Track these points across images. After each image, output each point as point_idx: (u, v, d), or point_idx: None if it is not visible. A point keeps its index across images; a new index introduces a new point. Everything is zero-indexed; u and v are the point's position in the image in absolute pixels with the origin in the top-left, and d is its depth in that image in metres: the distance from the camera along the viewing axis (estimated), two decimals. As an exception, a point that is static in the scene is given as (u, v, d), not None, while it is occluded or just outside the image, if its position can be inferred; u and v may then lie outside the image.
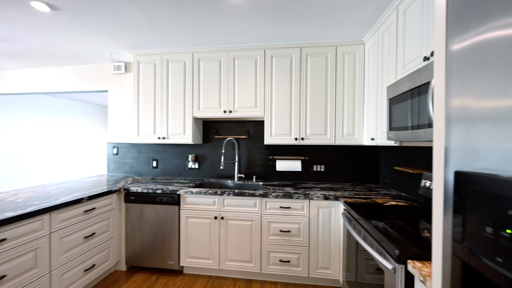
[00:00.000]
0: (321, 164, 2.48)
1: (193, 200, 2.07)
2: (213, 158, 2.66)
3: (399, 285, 0.90)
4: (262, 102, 2.24)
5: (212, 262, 2.06)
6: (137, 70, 2.43)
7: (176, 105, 2.36)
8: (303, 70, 2.18)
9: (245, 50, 2.25)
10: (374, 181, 2.42)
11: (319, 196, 1.89)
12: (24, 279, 1.38)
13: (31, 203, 1.58)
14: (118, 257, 2.16)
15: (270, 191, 2.01)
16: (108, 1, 1.57)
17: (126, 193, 2.15)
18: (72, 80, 2.92)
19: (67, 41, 2.21)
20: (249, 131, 2.60)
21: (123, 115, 2.81)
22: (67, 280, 1.66)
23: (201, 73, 2.33)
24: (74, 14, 1.73)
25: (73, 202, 1.68)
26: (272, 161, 2.55)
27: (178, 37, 2.11)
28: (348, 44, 2.13)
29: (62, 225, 1.62)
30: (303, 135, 2.19)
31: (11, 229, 1.32)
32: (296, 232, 1.94)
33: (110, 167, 2.84)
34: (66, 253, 1.65)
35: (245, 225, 2.01)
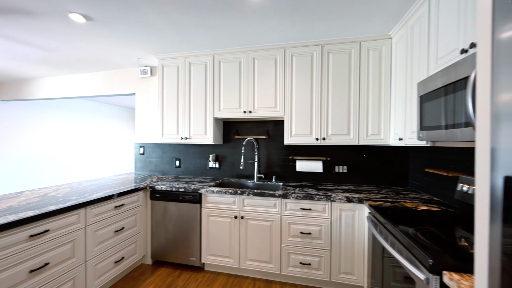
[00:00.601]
0: (344, 165, 2.39)
1: (214, 199, 2.11)
2: (233, 158, 2.69)
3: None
4: (282, 102, 2.21)
5: (232, 260, 2.08)
6: (162, 74, 2.54)
7: (198, 106, 2.43)
8: (324, 68, 2.12)
9: (264, 50, 2.25)
10: (402, 183, 2.28)
11: (341, 199, 1.82)
12: (64, 267, 1.51)
13: (69, 198, 1.72)
14: (144, 251, 2.28)
15: (290, 192, 1.99)
16: (135, 8, 1.66)
17: (151, 191, 2.26)
18: (104, 85, 3.14)
19: (99, 49, 2.38)
20: (268, 131, 2.59)
21: (149, 116, 2.96)
22: (100, 270, 1.79)
23: (221, 74, 2.37)
24: (106, 23, 1.86)
25: (105, 198, 1.81)
26: (292, 161, 2.51)
27: (200, 40, 2.17)
28: (373, 39, 2.03)
29: (95, 219, 1.75)
30: (324, 135, 2.13)
31: (53, 221, 1.45)
32: (317, 234, 1.89)
33: (137, 165, 3.01)
34: (99, 245, 1.78)
35: (264, 225, 2.01)
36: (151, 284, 2.00)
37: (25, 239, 1.31)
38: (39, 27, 1.92)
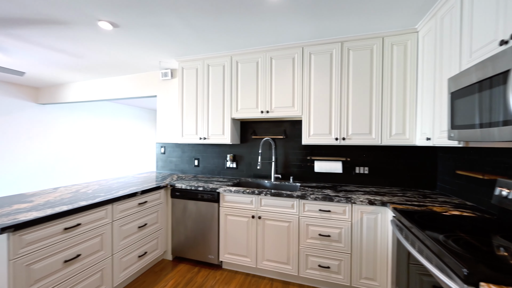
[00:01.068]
0: (365, 166, 2.29)
1: (231, 198, 2.14)
2: (250, 158, 2.71)
3: (468, 309, 0.77)
4: (300, 101, 2.18)
5: (249, 260, 2.09)
6: (181, 76, 2.62)
7: (216, 107, 2.47)
8: (344, 65, 2.06)
9: (282, 49, 2.23)
10: (430, 186, 2.14)
11: (363, 201, 1.75)
12: (93, 259, 1.62)
13: (98, 194, 1.84)
14: (165, 247, 2.37)
15: (308, 192, 1.95)
16: (157, 14, 1.73)
17: (172, 189, 2.34)
18: (128, 87, 3.31)
19: (124, 54, 2.52)
20: (286, 131, 2.57)
21: (169, 117, 3.07)
22: (125, 263, 1.88)
23: (239, 75, 2.39)
24: (130, 29, 1.96)
25: (130, 195, 1.90)
26: (310, 161, 2.47)
27: (217, 42, 2.20)
28: (397, 33, 1.93)
29: (121, 215, 1.85)
30: (344, 134, 2.06)
31: (84, 216, 1.56)
32: (337, 237, 1.84)
33: (158, 164, 3.13)
34: (124, 239, 1.88)
35: (282, 226, 1.99)
36: (172, 279, 2.07)
37: (60, 231, 1.41)
38: (72, 35, 2.07)
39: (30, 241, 1.27)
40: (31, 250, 1.27)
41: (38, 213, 1.36)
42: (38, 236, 1.30)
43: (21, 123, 3.92)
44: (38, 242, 1.30)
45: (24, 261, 1.24)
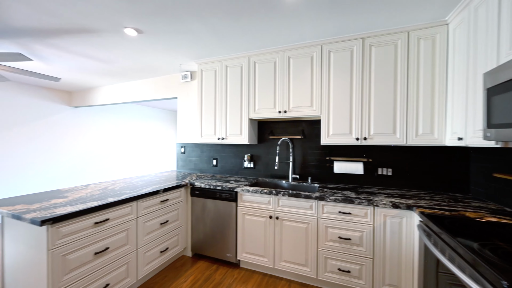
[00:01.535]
0: (388, 167, 2.19)
1: (249, 198, 2.15)
2: (267, 158, 2.71)
3: (508, 325, 0.71)
4: (318, 101, 2.14)
5: (267, 260, 2.09)
6: (201, 78, 2.69)
7: (234, 108, 2.51)
8: (366, 62, 1.98)
9: (300, 48, 2.20)
10: (462, 190, 1.98)
11: (386, 204, 1.67)
12: (120, 252, 1.72)
13: (124, 191, 1.95)
14: (185, 244, 2.45)
15: (327, 194, 1.91)
16: (178, 19, 1.79)
17: (191, 188, 2.41)
18: (150, 90, 3.47)
19: (147, 58, 2.64)
20: (304, 131, 2.53)
21: (189, 118, 3.16)
22: (148, 258, 1.98)
23: (256, 75, 2.40)
24: (154, 34, 2.05)
25: (153, 193, 1.99)
26: (329, 162, 2.41)
27: (235, 43, 2.23)
28: (424, 27, 1.81)
29: (145, 212, 1.94)
30: (365, 134, 1.98)
31: (112, 211, 1.66)
32: (358, 240, 1.77)
33: (178, 164, 3.24)
34: (148, 235, 1.97)
35: (300, 227, 1.96)
36: (191, 275, 2.14)
37: (91, 225, 1.52)
38: (101, 42, 2.22)
39: (65, 233, 1.38)
40: (66, 242, 1.38)
41: (72, 207, 1.47)
42: (72, 229, 1.41)
43: (56, 125, 4.28)
44: (72, 234, 1.41)
45: (60, 251, 1.35)
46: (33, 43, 2.25)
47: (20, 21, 1.82)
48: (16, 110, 3.74)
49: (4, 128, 3.60)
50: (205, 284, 2.00)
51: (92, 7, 1.64)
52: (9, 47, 2.33)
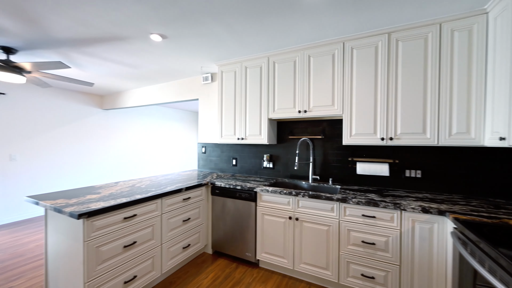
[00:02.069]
0: (417, 169, 2.05)
1: (268, 198, 2.15)
2: (286, 158, 2.68)
3: None
4: (340, 99, 2.07)
5: (286, 261, 2.08)
6: (221, 79, 2.75)
7: (253, 108, 2.52)
8: (392, 58, 1.88)
9: (321, 46, 2.15)
10: (505, 195, 1.80)
11: (415, 208, 1.57)
12: (146, 247, 1.82)
13: (149, 189, 2.05)
14: (206, 241, 2.51)
15: (350, 196, 1.84)
16: (200, 22, 1.84)
17: (212, 187, 2.47)
18: (173, 92, 3.62)
19: (171, 62, 2.76)
20: (324, 130, 2.47)
21: (209, 119, 3.25)
22: (171, 253, 2.06)
23: (276, 75, 2.39)
24: (177, 39, 2.13)
25: (176, 191, 2.08)
26: (352, 163, 2.32)
27: (255, 44, 2.24)
28: (459, 17, 1.67)
29: (168, 209, 2.03)
30: (391, 134, 1.88)
31: (139, 207, 1.76)
32: (383, 246, 1.69)
33: (199, 163, 3.34)
34: (171, 231, 2.06)
35: (321, 229, 1.92)
36: (212, 272, 2.19)
37: (121, 220, 1.63)
38: (129, 49, 2.36)
39: (99, 227, 1.49)
40: (99, 235, 1.49)
41: (105, 203, 1.59)
42: (105, 223, 1.52)
43: (90, 126, 4.64)
44: (104, 228, 1.52)
45: (94, 243, 1.47)
46: (71, 52, 2.46)
47: (61, 32, 2.01)
48: (56, 113, 4.12)
49: (47, 129, 3.99)
50: (225, 282, 2.04)
51: (123, 16, 1.75)
52: (51, 56, 2.57)
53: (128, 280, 1.67)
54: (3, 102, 3.49)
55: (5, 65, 2.26)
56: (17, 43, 2.23)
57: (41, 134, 3.92)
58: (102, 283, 1.51)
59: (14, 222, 3.57)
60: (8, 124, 3.54)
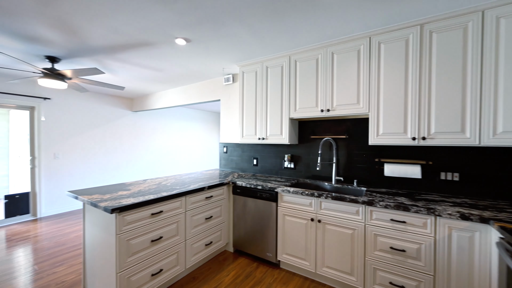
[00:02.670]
0: (454, 172, 1.88)
1: (289, 199, 2.12)
2: (308, 158, 2.62)
3: None
4: (366, 97, 1.97)
5: (308, 264, 2.03)
6: (242, 80, 2.77)
7: (274, 108, 2.51)
8: (424, 52, 1.74)
9: (345, 42, 2.07)
10: (561, 202, 1.57)
11: (452, 214, 1.44)
12: (171, 242, 1.90)
13: (174, 187, 2.14)
14: (227, 240, 2.56)
15: (376, 199, 1.74)
16: (222, 24, 1.88)
17: (233, 186, 2.51)
18: (196, 94, 3.74)
19: (195, 64, 2.85)
20: (348, 130, 2.37)
21: (231, 119, 3.30)
22: (195, 249, 2.13)
23: (297, 74, 2.35)
24: (200, 42, 2.20)
25: (199, 189, 2.14)
26: (379, 164, 2.20)
27: (276, 43, 2.22)
28: (506, 3, 1.49)
29: (192, 206, 2.10)
30: (424, 133, 1.74)
31: (165, 204, 1.84)
32: (414, 253, 1.57)
33: (221, 163, 3.41)
34: (194, 228, 2.13)
35: (345, 232, 1.84)
36: (233, 270, 2.22)
37: (148, 216, 1.72)
38: (156, 53, 2.49)
39: (129, 221, 1.59)
40: (130, 229, 1.59)
41: (134, 199, 1.69)
42: (134, 217, 1.62)
43: (120, 127, 4.98)
44: (134, 222, 1.62)
45: (125, 236, 1.57)
46: (105, 58, 2.66)
47: (96, 41, 2.18)
48: (92, 115, 4.49)
49: (84, 130, 4.36)
50: (246, 280, 2.06)
51: (150, 23, 1.85)
52: (88, 63, 2.81)
53: (155, 273, 1.76)
54: (48, 106, 3.89)
55: (50, 72, 2.52)
56: (60, 52, 2.47)
57: (79, 135, 4.30)
58: (132, 274, 1.61)
59: (57, 214, 3.96)
60: (52, 126, 3.94)
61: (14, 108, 3.65)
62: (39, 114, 3.78)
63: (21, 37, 2.09)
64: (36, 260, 2.43)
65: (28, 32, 2.01)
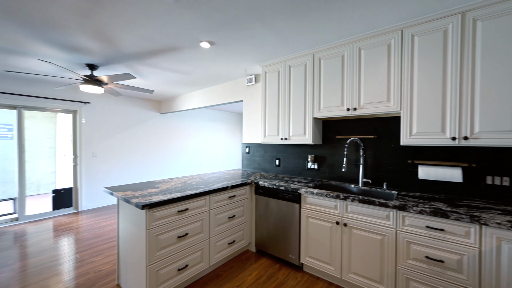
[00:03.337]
0: (503, 176, 1.67)
1: (313, 200, 2.06)
2: (332, 159, 2.53)
3: None
4: (397, 94, 1.84)
5: (333, 268, 1.96)
6: (264, 80, 2.77)
7: (297, 107, 2.46)
8: (467, 42, 1.57)
9: (373, 36, 1.95)
10: None
11: (501, 223, 1.28)
12: (196, 239, 1.96)
13: (199, 186, 2.21)
14: (249, 239, 2.57)
15: (410, 203, 1.62)
16: (245, 26, 1.89)
17: (256, 186, 2.51)
18: (219, 95, 3.82)
19: (218, 66, 2.92)
20: (377, 129, 2.23)
21: (253, 120, 3.31)
22: (218, 247, 2.18)
23: (321, 72, 2.28)
24: (223, 44, 2.24)
25: (222, 189, 2.18)
26: (412, 166, 2.04)
27: (299, 41, 2.18)
28: None
29: (215, 205, 2.15)
30: (466, 132, 1.57)
31: (190, 202, 1.91)
32: (455, 265, 1.43)
33: (243, 163, 3.45)
34: (218, 227, 2.17)
35: (373, 238, 1.74)
36: (255, 270, 2.22)
37: (175, 213, 1.79)
38: (182, 57, 2.60)
39: (158, 217, 1.68)
40: (158, 224, 1.68)
41: (162, 197, 1.78)
42: (162, 214, 1.70)
43: (150, 129, 5.29)
44: (162, 219, 1.70)
45: (154, 231, 1.66)
46: (136, 64, 2.84)
47: (129, 48, 2.34)
48: (124, 117, 4.83)
49: (118, 131, 4.71)
50: (268, 281, 2.05)
51: (177, 28, 1.93)
52: (121, 69, 3.03)
53: (181, 268, 1.83)
54: (88, 109, 4.27)
55: (90, 79, 2.76)
56: (98, 60, 2.69)
57: (114, 135, 4.65)
58: (161, 268, 1.70)
59: (95, 208, 4.33)
60: (91, 127, 4.32)
61: (60, 112, 4.07)
62: (80, 117, 4.18)
63: (66, 47, 2.33)
64: (78, 249, 2.68)
65: (72, 43, 2.22)
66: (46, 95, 3.81)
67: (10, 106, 3.54)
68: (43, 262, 2.39)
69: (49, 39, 2.13)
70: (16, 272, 2.21)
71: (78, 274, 2.18)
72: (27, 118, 5.11)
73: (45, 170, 5.52)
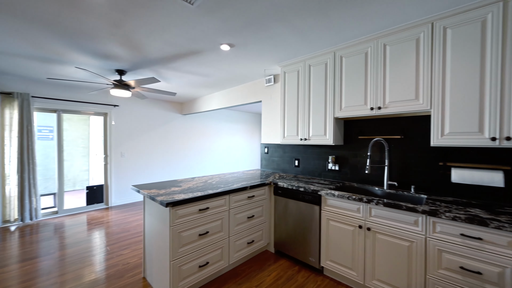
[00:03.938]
0: (554, 181, 1.49)
1: (334, 203, 2.01)
2: (355, 160, 2.44)
3: None
4: (427, 92, 1.72)
5: (355, 274, 1.88)
6: (283, 80, 2.75)
7: (317, 107, 2.41)
8: (508, 33, 1.42)
9: (400, 31, 1.85)
10: None
11: (552, 234, 1.14)
12: (216, 237, 2.00)
13: (219, 185, 2.26)
14: (268, 240, 2.57)
15: (441, 209, 1.50)
16: (264, 26, 1.90)
17: (275, 187, 2.50)
18: (238, 96, 3.87)
19: (238, 68, 2.96)
20: (403, 129, 2.11)
21: (272, 120, 3.31)
22: (237, 246, 2.21)
23: (343, 70, 2.21)
24: (243, 46, 2.27)
25: (242, 189, 2.21)
26: (443, 168, 1.89)
27: (320, 40, 2.13)
28: None
29: (235, 205, 2.18)
30: (509, 132, 1.43)
31: (211, 201, 1.96)
32: (495, 278, 1.30)
33: (262, 163, 3.45)
34: (237, 226, 2.20)
35: (400, 244, 1.65)
36: (274, 271, 2.21)
37: (196, 211, 1.85)
38: (203, 60, 2.67)
39: (180, 215, 1.74)
40: (181, 222, 1.75)
41: (185, 195, 1.84)
42: (185, 212, 1.77)
43: (173, 129, 5.51)
44: (184, 216, 1.77)
45: (177, 228, 1.72)
46: (160, 68, 2.98)
47: (153, 53, 2.46)
48: (149, 119, 5.09)
49: (143, 132, 4.98)
50: (287, 283, 2.03)
51: (198, 32, 2.00)
52: (147, 73, 3.20)
53: (202, 265, 1.88)
54: (117, 112, 4.57)
55: (119, 83, 2.95)
56: (126, 65, 2.87)
57: (140, 136, 4.93)
58: (183, 264, 1.76)
59: (123, 204, 4.62)
60: (120, 129, 4.61)
61: (93, 115, 4.41)
62: (110, 119, 4.48)
63: (98, 55, 2.51)
64: (108, 242, 2.88)
65: (103, 51, 2.40)
66: (81, 99, 4.15)
67: (51, 110, 3.91)
68: (78, 253, 2.60)
69: (84, 48, 2.31)
70: (56, 260, 2.44)
71: (108, 265, 2.35)
72: (64, 121, 5.60)
73: (80, 168, 6.02)
